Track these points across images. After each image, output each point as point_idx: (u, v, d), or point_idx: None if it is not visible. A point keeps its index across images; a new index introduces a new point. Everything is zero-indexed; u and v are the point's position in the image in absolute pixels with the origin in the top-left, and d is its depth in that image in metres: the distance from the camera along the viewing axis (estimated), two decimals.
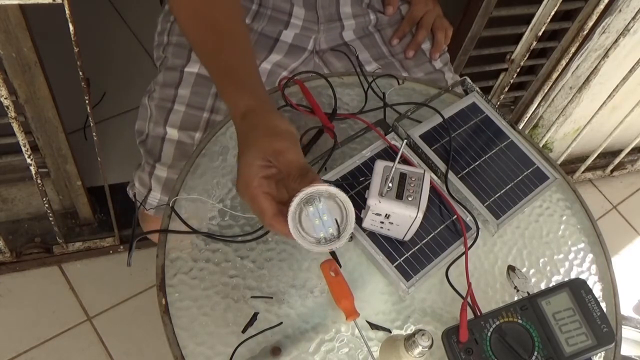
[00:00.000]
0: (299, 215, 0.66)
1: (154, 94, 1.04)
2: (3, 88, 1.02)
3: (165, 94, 1.02)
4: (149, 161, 1.03)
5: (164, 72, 1.04)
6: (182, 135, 1.01)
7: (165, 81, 1.03)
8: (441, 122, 0.92)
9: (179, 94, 1.01)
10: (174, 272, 0.76)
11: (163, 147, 1.02)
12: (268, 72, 1.05)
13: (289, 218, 0.65)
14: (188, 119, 1.01)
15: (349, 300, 0.74)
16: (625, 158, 2.01)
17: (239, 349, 0.71)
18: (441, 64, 1.15)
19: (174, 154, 1.01)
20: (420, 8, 1.14)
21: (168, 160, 1.01)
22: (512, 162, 0.93)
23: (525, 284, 0.83)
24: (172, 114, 1.01)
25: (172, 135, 1.01)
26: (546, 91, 1.61)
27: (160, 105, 1.02)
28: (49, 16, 1.15)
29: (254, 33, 1.05)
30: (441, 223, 0.84)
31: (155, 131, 1.02)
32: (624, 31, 1.44)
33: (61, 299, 1.49)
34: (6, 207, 1.47)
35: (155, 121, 1.02)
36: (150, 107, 1.03)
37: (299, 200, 0.64)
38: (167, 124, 1.01)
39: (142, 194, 1.05)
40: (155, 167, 1.02)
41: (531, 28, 1.40)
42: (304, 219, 0.66)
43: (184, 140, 1.01)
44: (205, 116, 1.01)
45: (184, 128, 1.01)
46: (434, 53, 1.13)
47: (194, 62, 1.02)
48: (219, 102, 1.02)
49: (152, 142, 1.03)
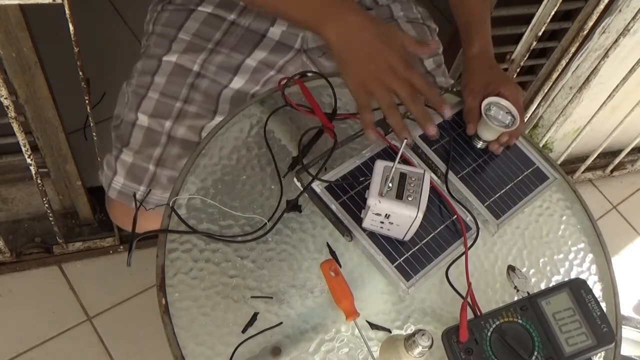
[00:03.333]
0: (486, 112, 0.87)
1: (132, 80, 1.04)
2: (3, 88, 1.02)
3: (141, 80, 1.02)
4: (117, 145, 1.03)
5: (144, 60, 1.05)
6: (152, 122, 1.01)
7: (143, 69, 1.04)
8: (441, 122, 0.92)
9: (154, 81, 1.02)
10: (174, 272, 0.76)
11: (132, 133, 1.02)
12: (253, 69, 1.05)
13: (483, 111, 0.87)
14: (160, 107, 1.01)
15: (349, 300, 0.74)
16: (625, 158, 2.01)
17: (239, 349, 0.71)
18: (433, 65, 1.14)
19: (142, 140, 1.01)
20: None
21: (135, 146, 1.01)
22: (512, 162, 0.93)
23: (525, 284, 0.83)
24: (145, 100, 1.01)
25: (143, 121, 1.01)
26: (546, 91, 1.61)
27: (135, 91, 1.03)
28: (49, 16, 1.15)
29: (240, 28, 1.05)
30: (441, 223, 0.84)
31: (128, 117, 1.02)
32: (624, 31, 1.44)
33: (61, 299, 1.49)
34: (6, 207, 1.47)
35: (130, 107, 1.02)
36: (128, 93, 1.04)
37: (485, 103, 0.87)
38: (139, 110, 1.01)
39: (108, 177, 1.04)
40: (122, 151, 1.02)
41: (531, 28, 1.40)
42: (494, 113, 0.88)
43: (153, 127, 1.01)
44: (178, 105, 1.01)
45: (154, 115, 1.01)
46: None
47: (174, 52, 1.02)
48: (193, 92, 1.02)
49: (124, 127, 1.03)
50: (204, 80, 1.02)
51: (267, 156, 0.87)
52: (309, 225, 0.82)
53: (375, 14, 1.11)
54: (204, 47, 1.03)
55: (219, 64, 1.03)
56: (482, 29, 0.97)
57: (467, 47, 0.96)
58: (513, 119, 0.87)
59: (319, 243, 0.81)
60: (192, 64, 1.02)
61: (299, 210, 0.83)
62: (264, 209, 0.82)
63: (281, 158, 0.87)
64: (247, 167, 0.87)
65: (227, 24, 1.05)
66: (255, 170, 0.86)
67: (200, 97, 1.02)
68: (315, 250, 0.81)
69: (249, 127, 0.91)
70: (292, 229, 0.82)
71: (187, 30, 1.04)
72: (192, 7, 1.05)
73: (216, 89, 1.03)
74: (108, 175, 1.05)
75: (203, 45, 1.03)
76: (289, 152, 0.89)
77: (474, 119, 0.89)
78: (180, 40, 1.03)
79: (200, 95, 1.02)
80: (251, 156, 0.88)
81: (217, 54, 1.03)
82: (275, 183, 0.85)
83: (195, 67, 1.02)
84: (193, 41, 1.03)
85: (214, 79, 1.03)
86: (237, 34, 1.05)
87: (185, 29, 1.04)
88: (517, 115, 0.87)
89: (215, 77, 1.03)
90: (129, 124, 1.02)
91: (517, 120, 0.87)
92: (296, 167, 0.85)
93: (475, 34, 0.96)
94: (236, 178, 0.85)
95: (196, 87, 1.02)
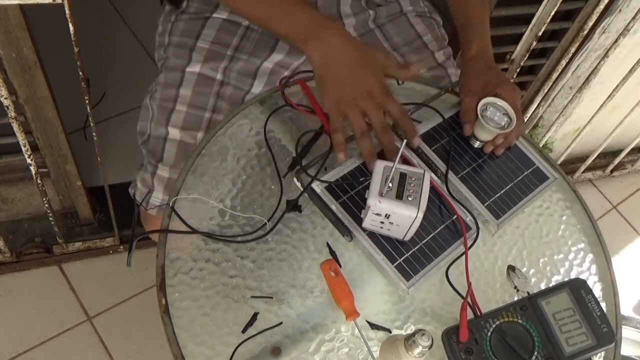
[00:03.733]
0: (482, 112, 0.87)
1: (155, 94, 1.04)
2: (3, 88, 1.02)
3: (166, 94, 1.02)
4: (151, 161, 1.03)
5: (165, 73, 1.04)
6: (184, 135, 1.01)
7: (166, 81, 1.03)
8: (441, 122, 0.92)
9: (180, 94, 1.01)
10: (174, 272, 0.76)
11: (165, 147, 1.02)
12: (270, 71, 1.05)
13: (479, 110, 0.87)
14: (190, 119, 1.01)
15: (349, 300, 0.74)
16: (625, 158, 2.01)
17: (239, 349, 0.71)
18: (444, 57, 1.14)
19: (176, 154, 1.01)
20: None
21: (170, 161, 1.01)
22: (512, 162, 0.93)
23: (525, 284, 0.83)
24: (173, 114, 1.01)
25: (174, 135, 1.01)
26: (546, 91, 1.61)
27: (161, 105, 1.02)
28: (49, 16, 1.15)
29: (255, 33, 1.05)
30: (441, 223, 0.84)
31: (157, 131, 1.02)
32: (624, 31, 1.44)
33: (61, 299, 1.49)
34: (6, 207, 1.47)
35: (157, 121, 1.02)
36: (152, 107, 1.03)
37: (482, 104, 0.87)
38: (169, 124, 1.01)
39: (143, 193, 1.05)
40: (157, 167, 1.02)
41: (531, 28, 1.40)
42: (490, 114, 0.88)
43: (186, 140, 1.01)
44: (207, 116, 1.01)
45: (185, 128, 1.01)
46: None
47: (195, 62, 1.02)
48: (220, 101, 1.02)
49: (154, 142, 1.03)
50: (228, 87, 1.02)
51: (267, 156, 0.87)
52: (309, 225, 0.82)
53: (385, 10, 1.11)
54: (223, 55, 1.03)
55: (239, 70, 1.03)
56: (481, 30, 0.97)
57: (466, 48, 0.96)
58: (509, 121, 0.87)
59: (319, 243, 0.81)
60: (215, 72, 1.02)
61: (299, 210, 0.83)
62: (264, 209, 0.82)
63: (281, 158, 0.87)
64: (247, 167, 0.87)
65: (243, 29, 1.05)
66: (255, 170, 0.86)
67: (226, 105, 1.02)
68: (315, 250, 0.81)
69: (249, 127, 0.91)
70: (292, 229, 0.82)
71: (205, 39, 1.03)
72: (207, 14, 1.05)
73: (239, 95, 1.03)
74: (143, 192, 1.05)
75: (222, 52, 1.03)
76: (289, 152, 0.89)
77: (470, 120, 0.90)
78: (200, 49, 1.03)
79: (226, 104, 1.02)
80: (251, 156, 0.88)
81: (237, 61, 1.03)
82: (275, 183, 0.85)
83: (219, 76, 1.02)
84: (212, 49, 1.03)
85: (237, 85, 1.03)
86: (253, 38, 1.04)
87: (203, 37, 1.03)
88: (514, 117, 0.87)
89: (237, 83, 1.03)
90: (160, 138, 1.02)
91: (513, 122, 0.87)
92: (296, 167, 0.85)
93: (473, 34, 0.96)
94: (236, 178, 0.85)
95: (222, 96, 1.02)
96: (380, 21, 1.12)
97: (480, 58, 0.94)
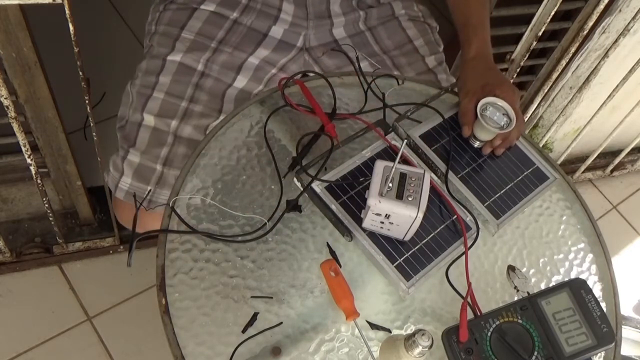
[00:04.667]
0: (482, 112, 0.88)
1: (136, 80, 1.04)
2: (3, 88, 1.02)
3: (146, 80, 1.02)
4: (124, 146, 1.03)
5: (148, 60, 1.05)
6: (159, 122, 1.01)
7: (147, 68, 1.04)
8: (441, 122, 0.92)
9: (159, 81, 1.02)
10: (174, 272, 0.76)
11: (139, 133, 1.02)
12: (255, 67, 1.05)
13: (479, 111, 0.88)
14: (166, 106, 1.01)
15: (349, 300, 0.74)
16: (625, 158, 2.01)
17: (239, 349, 0.71)
18: (435, 63, 1.14)
19: (149, 140, 1.01)
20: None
21: (142, 146, 1.01)
22: (512, 162, 0.93)
23: (525, 284, 0.83)
24: (150, 100, 1.01)
25: (149, 121, 1.01)
26: (546, 91, 1.61)
27: (140, 91, 1.03)
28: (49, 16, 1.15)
29: (242, 27, 1.05)
30: (441, 223, 0.84)
31: (134, 117, 1.03)
32: (624, 31, 1.44)
33: (61, 299, 1.48)
34: (6, 207, 1.47)
35: (134, 107, 1.02)
36: (132, 93, 1.04)
37: (482, 103, 0.88)
38: (145, 110, 1.01)
39: (115, 178, 1.04)
40: (128, 152, 1.02)
41: (531, 28, 1.40)
42: (489, 114, 0.88)
43: (159, 127, 1.01)
44: (183, 105, 1.01)
45: (160, 115, 1.01)
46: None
47: (178, 51, 1.02)
48: (198, 92, 1.02)
49: (130, 127, 1.03)
50: (209, 79, 1.02)
51: (267, 156, 0.87)
52: (309, 225, 0.82)
53: (376, 12, 1.11)
54: (207, 46, 1.03)
55: (222, 62, 1.03)
56: (480, 31, 0.97)
57: (465, 48, 0.96)
58: (509, 121, 0.87)
59: (319, 243, 0.81)
60: (196, 63, 1.02)
61: (299, 210, 0.83)
62: (264, 209, 0.82)
63: (281, 158, 0.87)
64: (247, 167, 0.87)
65: (230, 23, 1.05)
66: (255, 170, 0.86)
67: (205, 97, 1.02)
68: (315, 250, 0.81)
69: (249, 127, 0.91)
70: (292, 229, 0.82)
71: (190, 29, 1.04)
72: (195, 5, 1.06)
73: (220, 88, 1.03)
74: (115, 176, 1.04)
75: (206, 44, 1.03)
76: (289, 152, 0.89)
77: (468, 122, 0.89)
78: (184, 40, 1.03)
79: (205, 95, 1.02)
80: (251, 156, 0.88)
81: (220, 53, 1.03)
82: (275, 183, 0.85)
83: (200, 67, 1.02)
84: (197, 40, 1.03)
85: (218, 77, 1.03)
86: (239, 32, 1.05)
87: (189, 28, 1.04)
88: (514, 117, 0.87)
89: (219, 76, 1.03)
90: (135, 124, 1.02)
91: (512, 122, 0.87)
92: (296, 167, 0.85)
93: (473, 35, 0.96)
94: (236, 178, 0.85)
95: (201, 87, 1.02)
96: (371, 23, 1.12)
97: (480, 59, 0.95)
